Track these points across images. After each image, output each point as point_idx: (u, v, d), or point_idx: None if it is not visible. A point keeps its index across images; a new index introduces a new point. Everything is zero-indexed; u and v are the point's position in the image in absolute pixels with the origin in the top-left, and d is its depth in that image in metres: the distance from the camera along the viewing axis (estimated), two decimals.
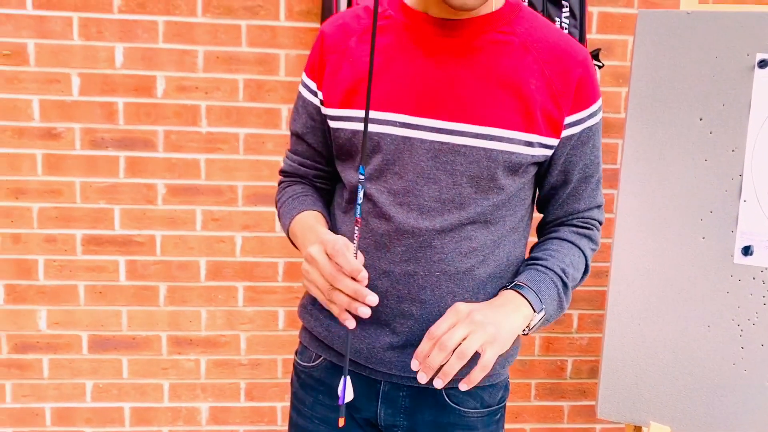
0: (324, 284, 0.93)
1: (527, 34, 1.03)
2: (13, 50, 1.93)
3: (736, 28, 1.44)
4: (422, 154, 0.99)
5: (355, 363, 1.09)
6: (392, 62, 1.02)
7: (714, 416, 1.41)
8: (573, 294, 2.09)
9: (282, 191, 1.19)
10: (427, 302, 1.02)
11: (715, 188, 1.44)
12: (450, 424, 1.09)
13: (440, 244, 1.00)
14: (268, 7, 1.96)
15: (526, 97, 0.99)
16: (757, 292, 1.41)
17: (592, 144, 1.08)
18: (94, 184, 2.00)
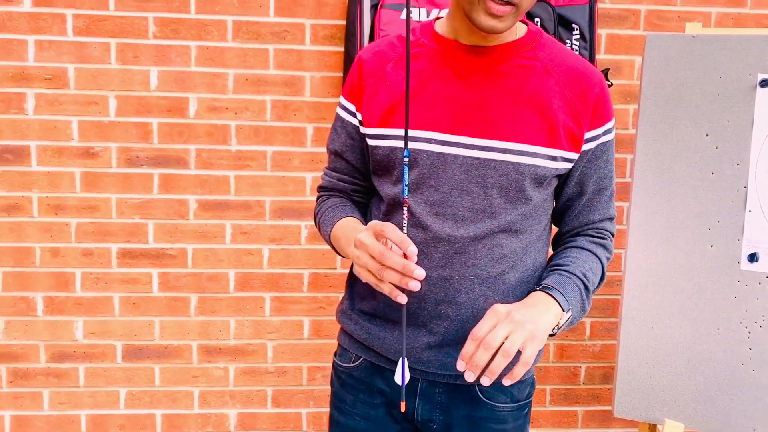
0: (374, 265, 0.98)
1: (549, 59, 1.13)
2: (54, 74, 2.04)
3: (738, 50, 1.54)
4: (456, 168, 1.09)
5: (394, 363, 1.18)
6: (427, 85, 1.12)
7: (724, 413, 1.50)
8: None
9: (321, 204, 1.29)
10: (461, 304, 1.11)
11: (721, 199, 1.54)
12: (483, 418, 1.18)
13: (474, 250, 1.10)
14: (295, 32, 2.07)
15: (550, 115, 1.09)
16: (763, 297, 1.51)
17: (606, 158, 1.18)
18: (129, 200, 2.11)
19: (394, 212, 1.16)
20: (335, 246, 1.21)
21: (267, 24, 2.06)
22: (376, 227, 0.99)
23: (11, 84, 2.03)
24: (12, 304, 2.12)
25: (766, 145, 1.53)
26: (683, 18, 2.16)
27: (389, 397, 1.22)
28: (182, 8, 2.04)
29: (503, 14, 1.02)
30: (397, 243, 0.96)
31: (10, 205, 2.08)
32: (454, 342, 1.14)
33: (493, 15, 1.02)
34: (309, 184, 2.14)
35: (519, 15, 1.06)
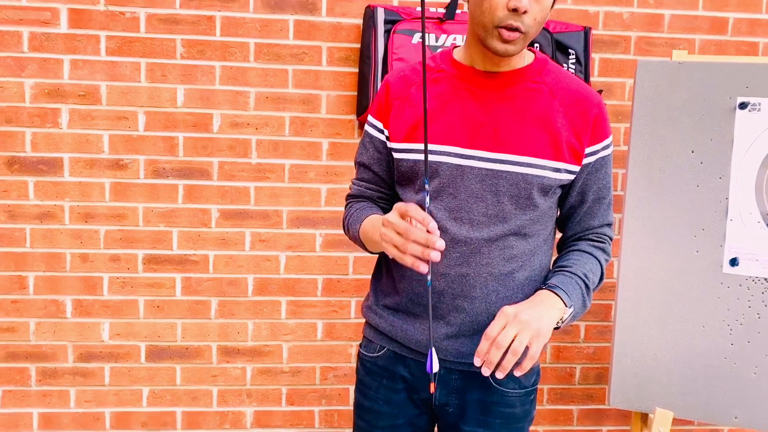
0: (399, 239, 1.11)
1: (554, 83, 1.29)
2: (87, 91, 2.19)
3: (720, 75, 1.72)
4: (472, 178, 1.25)
5: (415, 352, 1.33)
6: (447, 105, 1.28)
7: (709, 402, 1.65)
8: None
9: (350, 207, 1.44)
10: (476, 299, 1.26)
11: (705, 210, 1.71)
12: (494, 402, 1.33)
13: (487, 251, 1.25)
14: (312, 54, 2.23)
15: (554, 132, 1.25)
16: (743, 297, 1.67)
17: (604, 171, 1.34)
18: (155, 209, 2.24)
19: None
20: (364, 240, 1.34)
21: (287, 46, 2.22)
22: (401, 208, 1.13)
23: (47, 100, 2.17)
24: (43, 306, 2.25)
25: (745, 160, 1.70)
26: (670, 44, 2.34)
27: (410, 383, 1.36)
28: (208, 31, 2.19)
29: (513, 39, 1.19)
30: (419, 220, 1.10)
31: (44, 213, 2.21)
32: (469, 332, 1.28)
33: (504, 40, 1.19)
34: (324, 195, 2.29)
35: (527, 40, 1.22)
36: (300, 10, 2.20)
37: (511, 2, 1.15)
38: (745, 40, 2.36)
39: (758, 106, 1.69)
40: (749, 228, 1.67)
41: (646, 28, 2.33)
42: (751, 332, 1.66)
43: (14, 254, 2.22)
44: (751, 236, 1.67)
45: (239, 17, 2.19)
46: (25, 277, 2.23)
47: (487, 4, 1.17)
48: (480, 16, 1.20)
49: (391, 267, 1.37)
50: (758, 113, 1.68)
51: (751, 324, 1.66)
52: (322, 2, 2.20)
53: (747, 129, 1.69)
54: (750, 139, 1.68)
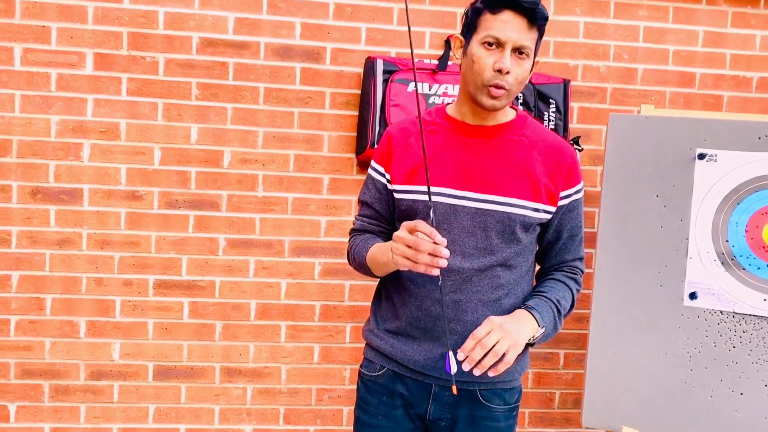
0: (409, 251, 1.27)
1: (533, 136, 1.50)
2: (108, 128, 2.37)
3: (681, 128, 1.93)
4: (464, 216, 1.44)
5: (413, 371, 1.50)
6: (441, 153, 1.48)
7: (671, 421, 1.83)
8: (560, 336, 2.54)
9: (354, 239, 1.62)
10: (468, 322, 1.44)
11: (668, 248, 1.91)
12: (481, 417, 1.50)
13: (477, 280, 1.44)
14: (316, 98, 2.43)
15: (534, 178, 1.45)
16: (701, 327, 1.86)
17: (576, 212, 1.54)
18: (167, 237, 2.42)
19: None
20: (371, 265, 1.50)
21: (293, 91, 2.42)
22: (409, 224, 1.30)
23: (71, 135, 2.36)
24: (58, 326, 2.40)
25: (703, 205, 1.90)
26: (642, 95, 2.57)
27: (407, 400, 1.53)
28: (221, 75, 2.39)
29: (499, 96, 1.39)
30: (427, 234, 1.27)
31: (63, 239, 2.38)
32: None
33: (492, 97, 1.39)
34: (323, 227, 2.48)
35: (510, 97, 1.43)
36: (306, 58, 2.41)
37: (497, 64, 1.36)
38: (711, 93, 2.59)
39: (715, 157, 1.90)
40: (707, 265, 1.87)
41: (621, 81, 2.55)
42: (707, 359, 1.84)
43: (34, 277, 2.38)
44: (709, 273, 1.87)
45: (251, 64, 2.40)
46: (43, 299, 2.38)
47: (477, 66, 1.38)
48: (471, 76, 1.41)
49: (390, 294, 1.55)
50: (715, 163, 1.90)
51: (708, 352, 1.85)
52: (327, 52, 2.42)
53: (705, 177, 1.90)
54: (707, 186, 1.89)
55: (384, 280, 1.59)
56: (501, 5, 1.34)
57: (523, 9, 1.33)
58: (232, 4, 2.38)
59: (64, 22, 2.32)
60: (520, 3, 1.33)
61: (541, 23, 1.37)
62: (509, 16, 1.34)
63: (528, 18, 1.34)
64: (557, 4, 2.51)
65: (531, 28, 1.36)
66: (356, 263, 1.58)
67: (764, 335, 1.83)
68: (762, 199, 1.86)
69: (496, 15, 1.35)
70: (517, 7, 1.33)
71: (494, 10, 1.35)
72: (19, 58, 2.32)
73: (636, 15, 2.54)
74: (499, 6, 1.34)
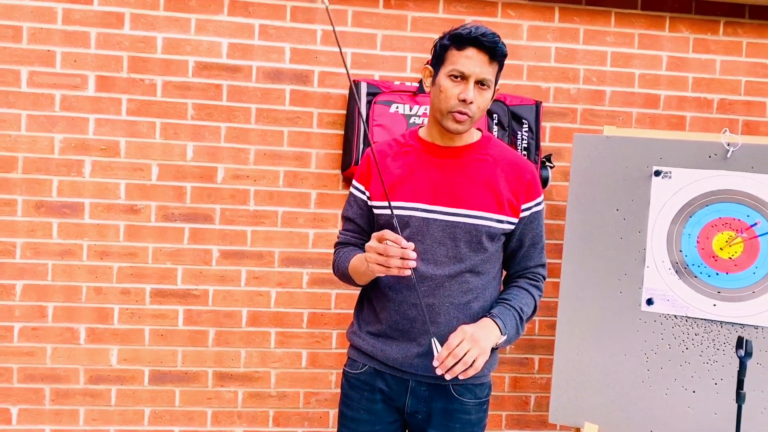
0: (381, 258, 1.43)
1: (496, 154, 1.66)
2: (108, 146, 2.53)
3: (640, 147, 2.11)
4: (435, 228, 1.60)
5: (392, 368, 1.65)
6: (414, 172, 1.64)
7: (629, 418, 1.99)
8: (535, 342, 2.70)
9: (338, 252, 1.77)
10: (441, 324, 1.59)
11: (627, 258, 2.07)
12: (454, 410, 1.65)
13: (449, 285, 1.59)
14: (305, 118, 2.60)
15: (497, 192, 1.62)
16: (657, 331, 2.02)
17: (537, 222, 1.70)
18: (163, 248, 2.56)
19: None
20: (353, 274, 1.65)
21: (283, 111, 2.59)
22: (377, 235, 1.46)
23: (73, 152, 2.51)
24: (59, 333, 2.53)
25: (659, 218, 2.07)
26: (610, 115, 2.74)
27: (387, 394, 1.67)
28: (216, 97, 2.55)
29: (463, 121, 1.57)
30: (394, 240, 1.43)
31: (65, 250, 2.52)
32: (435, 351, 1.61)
33: (456, 121, 1.56)
34: (311, 239, 2.63)
35: (473, 121, 1.60)
36: (296, 81, 2.58)
37: (461, 95, 1.53)
38: (675, 113, 2.77)
39: (669, 174, 2.07)
40: (662, 274, 2.04)
41: (590, 102, 2.73)
42: (663, 360, 2.00)
43: (37, 286, 2.51)
44: (664, 280, 2.03)
45: (243, 86, 2.56)
46: (45, 307, 2.52)
47: (444, 95, 1.56)
48: (438, 103, 1.58)
49: (372, 300, 1.70)
50: (669, 180, 2.07)
51: (664, 353, 2.01)
52: (315, 75, 2.59)
53: (661, 192, 2.07)
54: (663, 201, 2.06)
55: (365, 288, 1.74)
56: (465, 43, 1.52)
57: (485, 47, 1.51)
58: (226, 30, 2.55)
59: (68, 46, 2.48)
60: (482, 41, 1.50)
61: (500, 59, 1.54)
62: (473, 52, 1.52)
63: (489, 54, 1.52)
64: (530, 31, 2.69)
65: (492, 63, 1.53)
66: (340, 273, 1.73)
67: (714, 338, 1.99)
68: (712, 212, 2.03)
69: (461, 51, 1.53)
70: (479, 45, 1.51)
71: (459, 47, 1.53)
72: (26, 81, 2.48)
73: (604, 41, 2.73)
74: (464, 44, 1.52)
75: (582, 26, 2.71)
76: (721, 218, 2.02)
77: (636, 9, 2.73)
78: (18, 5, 2.46)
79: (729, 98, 2.79)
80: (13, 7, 2.45)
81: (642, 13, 2.74)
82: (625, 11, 2.73)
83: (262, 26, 2.56)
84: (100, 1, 2.49)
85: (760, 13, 2.77)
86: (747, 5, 2.76)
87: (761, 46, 2.79)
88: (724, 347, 1.98)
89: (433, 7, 2.64)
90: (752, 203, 2.00)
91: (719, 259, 2.02)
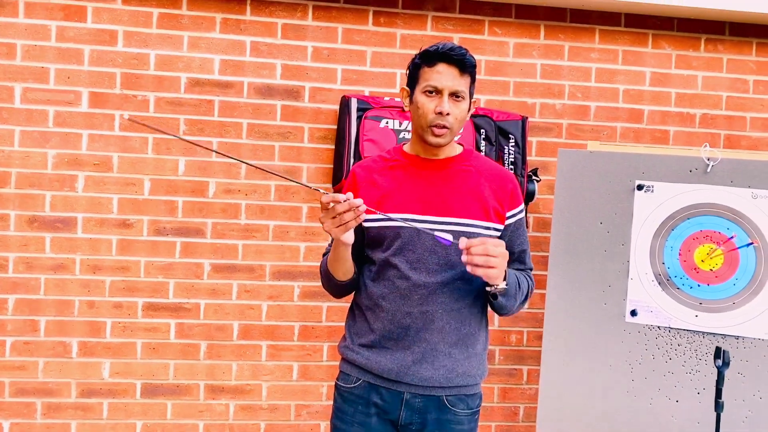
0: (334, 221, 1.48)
1: (479, 166, 1.72)
2: (101, 161, 2.56)
3: (623, 162, 2.16)
4: (426, 237, 1.64)
5: (387, 380, 1.67)
6: (402, 184, 1.68)
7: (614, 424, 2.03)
8: (523, 353, 2.74)
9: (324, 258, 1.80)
10: (434, 330, 1.63)
11: (611, 270, 2.12)
12: (447, 420, 1.67)
13: (441, 292, 1.63)
14: (296, 133, 2.64)
15: (484, 201, 1.66)
16: (641, 341, 2.07)
17: (522, 229, 1.75)
18: (155, 262, 2.59)
19: (383, 271, 1.68)
20: (331, 268, 1.68)
21: (274, 126, 2.63)
22: (322, 205, 1.50)
23: (66, 168, 2.54)
24: (51, 347, 2.55)
25: (642, 231, 2.12)
26: (595, 129, 2.80)
27: (381, 408, 1.69)
28: (208, 112, 2.59)
29: (442, 134, 1.62)
30: (332, 200, 1.47)
31: (57, 264, 2.54)
32: (430, 358, 1.64)
33: (435, 135, 1.62)
34: (302, 252, 2.66)
35: (453, 134, 1.65)
36: (286, 96, 2.62)
37: (437, 108, 1.60)
38: (658, 128, 2.83)
39: (651, 188, 2.12)
40: (645, 285, 2.08)
41: (575, 117, 2.79)
42: (647, 370, 2.05)
43: (29, 300, 2.53)
44: (647, 292, 2.08)
45: (234, 101, 2.60)
46: (37, 321, 2.54)
47: (422, 111, 1.62)
48: (417, 119, 1.64)
49: (363, 312, 1.73)
50: (652, 194, 2.12)
51: (647, 363, 2.05)
52: (305, 91, 2.63)
53: (643, 206, 2.12)
54: (646, 214, 2.11)
55: (357, 301, 1.77)
56: (435, 59, 1.60)
57: (454, 60, 1.59)
58: (217, 47, 2.59)
59: (61, 63, 2.52)
60: (450, 56, 1.57)
61: (470, 70, 1.61)
62: (443, 67, 1.59)
63: (458, 67, 1.60)
64: (516, 48, 2.75)
65: (463, 75, 1.61)
66: (323, 276, 1.75)
67: (696, 348, 2.04)
68: (693, 225, 2.08)
69: (432, 67, 1.60)
70: (448, 59, 1.59)
71: (430, 63, 1.61)
72: (19, 97, 2.51)
73: (588, 57, 2.79)
74: (433, 60, 1.60)
75: (567, 43, 2.78)
76: (702, 231, 2.07)
77: (619, 26, 2.80)
78: (12, 23, 2.49)
79: (711, 113, 2.85)
80: (7, 24, 2.49)
81: (625, 30, 2.81)
82: (608, 28, 2.79)
83: (254, 43, 2.61)
84: (93, 19, 2.53)
85: (739, 30, 2.85)
86: (727, 23, 2.83)
87: (741, 62, 2.86)
88: (707, 357, 2.03)
89: (422, 24, 2.69)
90: (731, 216, 2.05)
91: (701, 271, 2.07)
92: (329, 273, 1.72)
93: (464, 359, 1.67)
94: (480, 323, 1.70)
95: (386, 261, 1.66)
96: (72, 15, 2.52)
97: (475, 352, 1.70)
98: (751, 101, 2.88)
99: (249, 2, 2.60)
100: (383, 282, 1.65)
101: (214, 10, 2.58)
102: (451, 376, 1.64)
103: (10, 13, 2.49)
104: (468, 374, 1.67)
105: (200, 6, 2.58)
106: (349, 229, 1.52)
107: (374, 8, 2.66)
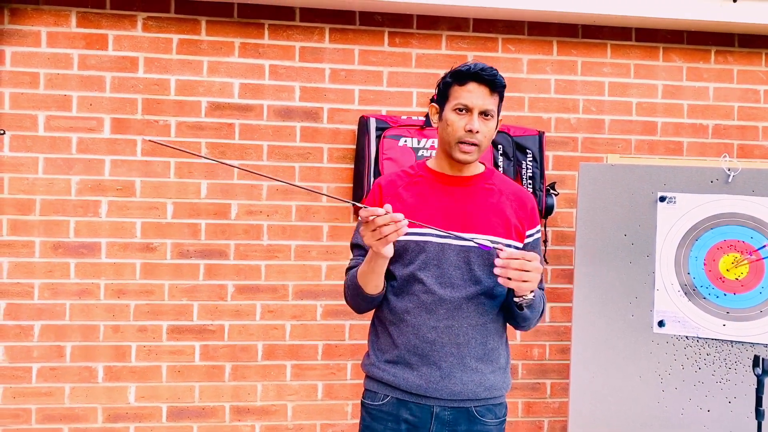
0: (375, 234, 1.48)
1: (501, 185, 1.75)
2: (124, 186, 2.58)
3: (644, 174, 2.18)
4: (451, 252, 1.66)
5: (416, 395, 1.68)
6: (427, 200, 1.71)
7: None
8: (546, 366, 2.74)
9: (348, 273, 1.80)
10: (461, 345, 1.64)
11: (637, 281, 2.13)
12: (477, 431, 1.69)
13: (466, 306, 1.65)
14: (315, 154, 2.67)
15: (505, 219, 1.69)
16: (669, 352, 2.08)
17: (538, 248, 1.78)
18: (179, 285, 2.60)
19: (407, 285, 1.69)
20: (361, 281, 1.67)
21: (294, 147, 2.66)
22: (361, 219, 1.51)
23: (89, 193, 2.56)
24: (77, 372, 2.55)
25: (666, 242, 2.14)
26: (610, 143, 2.83)
27: (412, 423, 1.70)
28: (228, 135, 2.62)
29: (470, 151, 1.65)
30: (373, 213, 1.47)
31: (82, 290, 2.56)
32: (458, 373, 1.65)
33: (463, 152, 1.64)
34: (324, 271, 2.68)
35: (481, 151, 1.68)
36: (306, 118, 2.66)
37: (467, 126, 1.63)
38: (672, 140, 2.87)
39: (674, 199, 2.15)
40: (672, 296, 2.10)
41: (590, 131, 2.82)
42: (677, 380, 2.05)
43: (55, 326, 2.54)
44: (674, 302, 2.09)
45: (255, 124, 2.63)
46: (63, 347, 2.55)
47: (451, 128, 1.65)
48: (446, 135, 1.67)
49: (387, 327, 1.74)
50: (674, 205, 2.14)
51: (677, 374, 2.06)
52: (324, 112, 2.67)
53: (666, 217, 2.14)
54: (669, 225, 2.13)
55: (379, 316, 1.78)
56: (467, 78, 1.63)
57: (485, 80, 1.62)
58: (237, 71, 2.63)
59: (84, 91, 2.55)
60: (482, 75, 1.61)
61: (500, 90, 1.65)
62: (474, 86, 1.63)
63: (489, 87, 1.63)
64: (530, 65, 2.79)
65: (492, 94, 1.65)
66: (350, 289, 1.75)
67: (725, 357, 2.05)
68: (717, 235, 2.10)
69: (464, 86, 1.64)
70: (479, 79, 1.63)
71: (461, 82, 1.64)
72: (43, 125, 2.54)
73: (601, 72, 2.83)
74: (465, 79, 1.63)
75: (579, 58, 2.82)
76: (726, 240, 2.09)
77: (630, 41, 2.84)
78: (35, 52, 2.53)
79: (723, 123, 2.89)
80: (30, 54, 2.53)
81: (636, 44, 2.85)
82: (620, 43, 2.84)
83: (272, 66, 2.65)
84: (114, 47, 2.57)
85: (748, 42, 2.89)
86: (736, 35, 2.88)
87: (751, 73, 2.90)
88: (736, 366, 2.04)
89: (436, 44, 2.74)
90: (755, 225, 2.07)
91: (726, 280, 2.08)
92: (358, 286, 1.73)
93: (490, 373, 1.68)
94: (501, 338, 1.72)
95: (411, 275, 1.67)
96: (93, 43, 2.56)
97: (500, 366, 1.72)
98: (763, 111, 2.91)
99: (267, 26, 2.64)
100: (408, 296, 1.67)
101: (233, 35, 2.63)
102: (479, 390, 1.66)
103: (32, 43, 2.53)
104: (494, 387, 1.69)
105: (219, 31, 2.62)
106: (389, 242, 1.53)
107: (389, 29, 2.71)
